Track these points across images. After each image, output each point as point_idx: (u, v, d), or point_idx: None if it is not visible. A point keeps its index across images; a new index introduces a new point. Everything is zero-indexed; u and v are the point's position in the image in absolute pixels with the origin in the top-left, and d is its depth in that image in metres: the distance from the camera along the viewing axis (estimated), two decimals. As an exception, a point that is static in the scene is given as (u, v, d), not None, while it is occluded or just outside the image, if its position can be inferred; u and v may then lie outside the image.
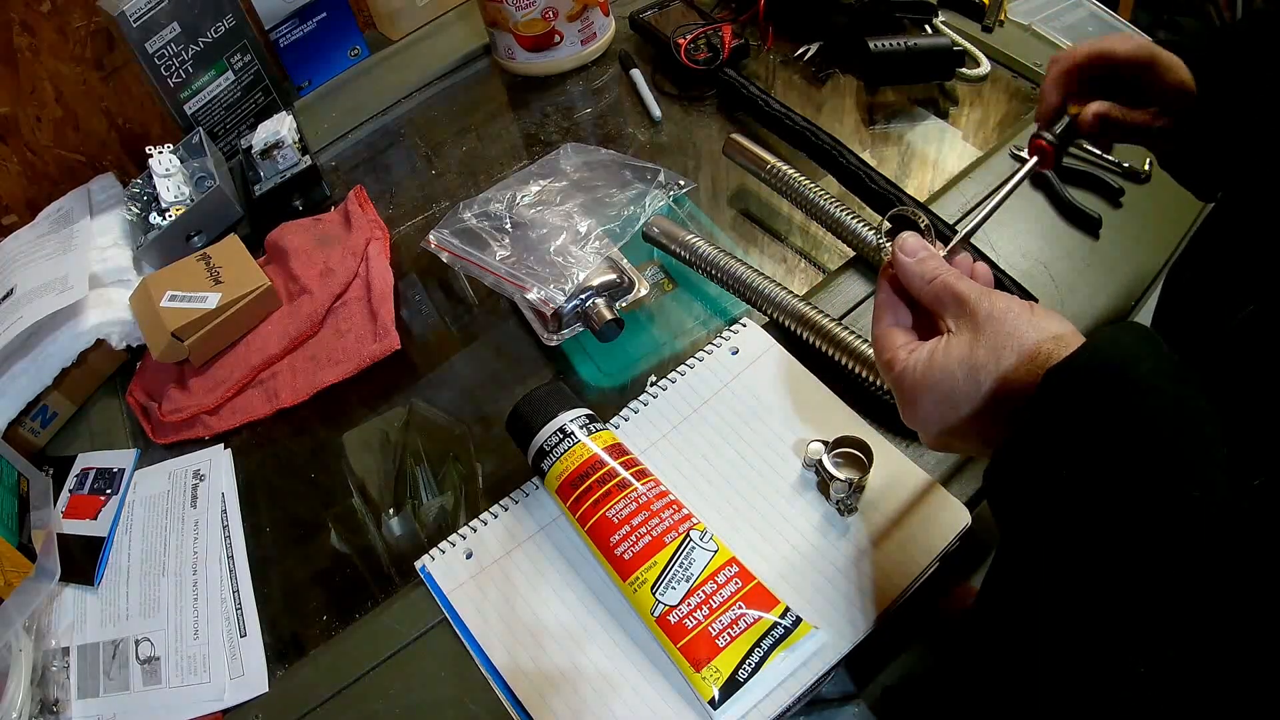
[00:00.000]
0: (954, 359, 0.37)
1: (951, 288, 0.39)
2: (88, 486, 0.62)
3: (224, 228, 0.74)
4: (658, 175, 0.66)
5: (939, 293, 0.39)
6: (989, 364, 0.36)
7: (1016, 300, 0.37)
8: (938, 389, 0.37)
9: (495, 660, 0.47)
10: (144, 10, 0.70)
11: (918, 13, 0.76)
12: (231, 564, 0.56)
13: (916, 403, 0.39)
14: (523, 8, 0.76)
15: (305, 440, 0.62)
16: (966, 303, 0.38)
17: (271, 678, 0.50)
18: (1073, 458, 0.32)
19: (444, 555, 0.51)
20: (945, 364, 0.37)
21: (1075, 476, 0.31)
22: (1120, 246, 0.60)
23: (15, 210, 0.81)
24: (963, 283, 0.39)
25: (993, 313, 0.37)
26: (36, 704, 0.51)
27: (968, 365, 0.36)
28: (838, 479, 0.48)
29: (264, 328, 0.66)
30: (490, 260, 0.62)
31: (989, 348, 0.36)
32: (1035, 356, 0.35)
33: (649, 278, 0.63)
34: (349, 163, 0.82)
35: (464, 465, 0.58)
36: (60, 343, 0.64)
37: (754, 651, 0.42)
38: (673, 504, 0.48)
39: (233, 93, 0.81)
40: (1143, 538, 0.29)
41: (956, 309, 0.38)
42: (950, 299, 0.39)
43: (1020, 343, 0.35)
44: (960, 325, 0.38)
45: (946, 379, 0.37)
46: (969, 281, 0.39)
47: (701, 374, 0.56)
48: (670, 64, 0.80)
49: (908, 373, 0.39)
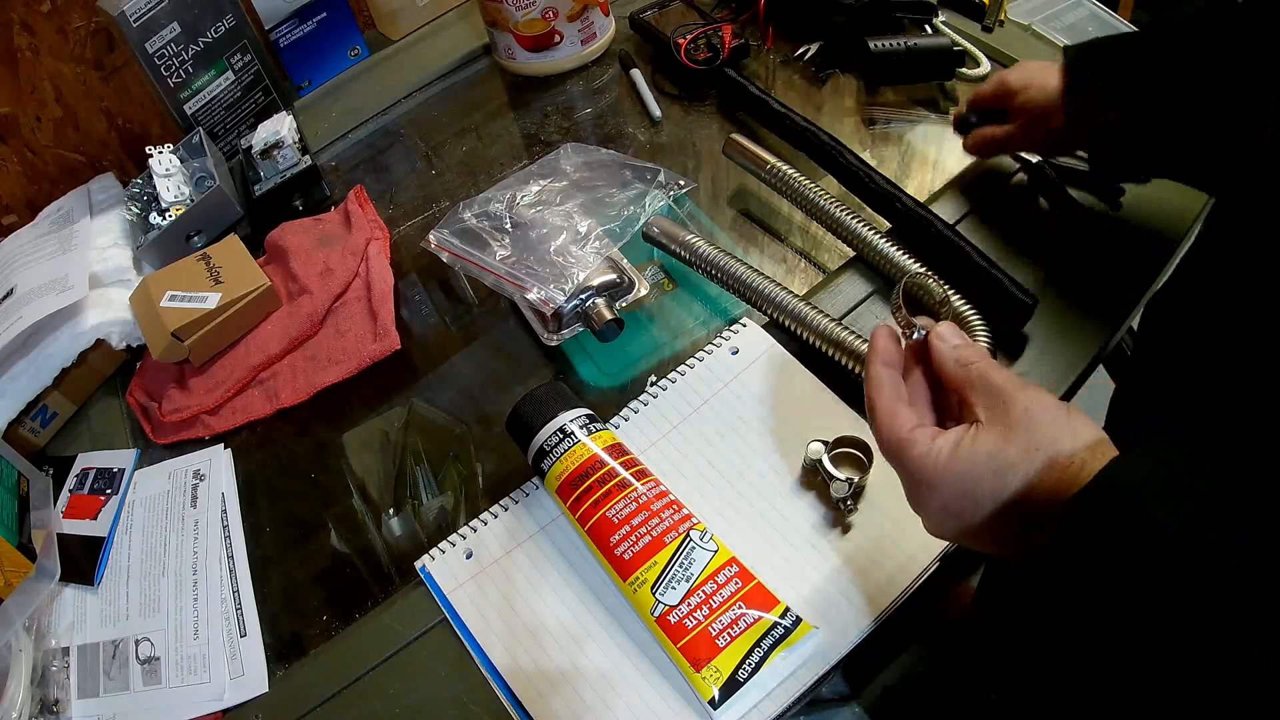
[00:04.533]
0: (982, 453, 0.35)
1: (988, 377, 0.37)
2: (88, 486, 0.62)
3: (224, 228, 0.74)
4: (658, 175, 0.66)
5: (974, 380, 0.38)
6: (1019, 465, 0.34)
7: (1052, 400, 0.36)
8: (961, 483, 0.36)
9: (495, 660, 0.47)
10: (144, 10, 0.70)
11: (918, 13, 0.76)
12: (231, 564, 0.56)
13: (933, 493, 0.37)
14: (523, 8, 0.76)
15: (305, 440, 0.62)
16: (1002, 395, 0.36)
17: (271, 678, 0.50)
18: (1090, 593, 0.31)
19: (444, 555, 0.51)
20: (972, 458, 0.35)
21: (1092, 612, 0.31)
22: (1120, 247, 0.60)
23: (15, 210, 0.81)
24: (1000, 374, 0.37)
25: (1029, 410, 0.35)
26: (36, 704, 0.51)
27: (996, 462, 0.35)
28: (838, 479, 0.48)
29: (264, 328, 0.66)
30: (490, 260, 0.62)
31: (1021, 447, 0.35)
32: (1067, 467, 0.34)
33: (649, 278, 0.63)
34: (349, 163, 0.82)
35: (464, 465, 0.58)
36: (60, 343, 0.64)
37: (754, 651, 0.42)
38: (673, 504, 0.48)
39: (233, 93, 0.81)
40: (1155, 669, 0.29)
41: (989, 400, 0.37)
42: (985, 388, 0.37)
43: (1054, 450, 0.34)
44: (992, 417, 0.36)
45: (972, 473, 0.35)
46: (1006, 373, 0.38)
47: (701, 374, 0.56)
48: (670, 64, 0.80)
49: (929, 461, 0.37)
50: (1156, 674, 0.29)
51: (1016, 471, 0.34)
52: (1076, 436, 0.34)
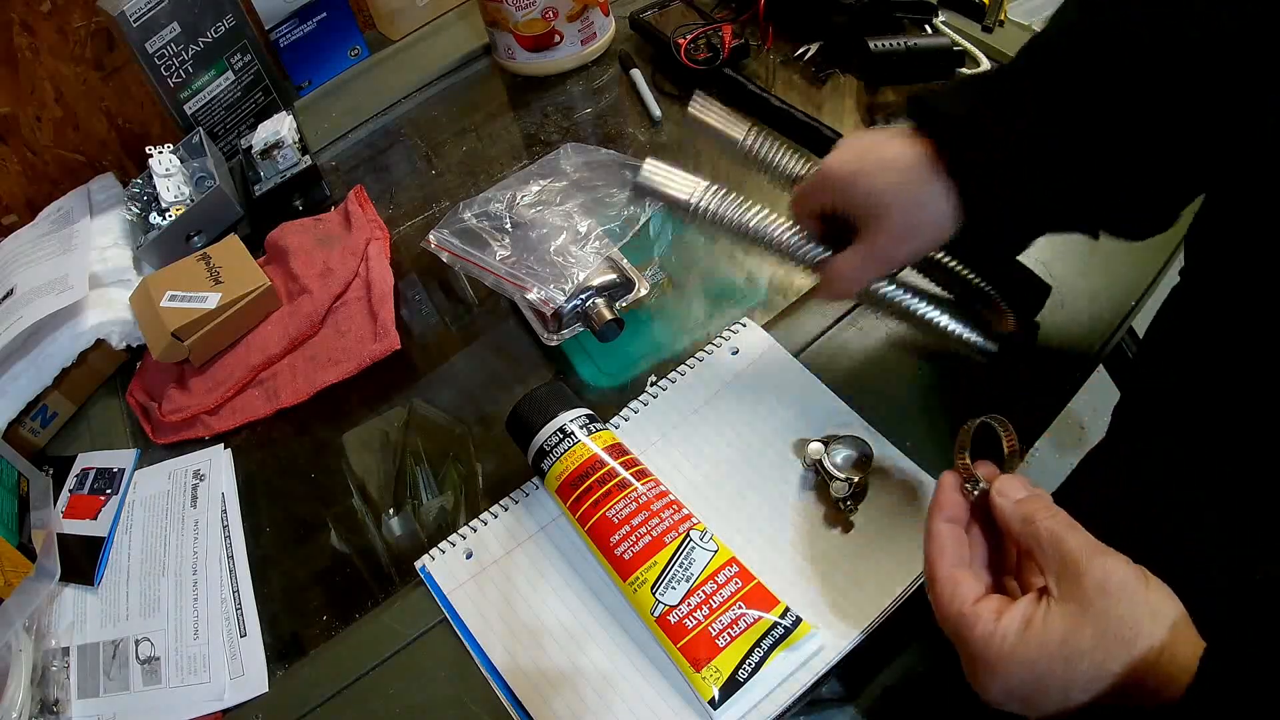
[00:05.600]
0: (1054, 640, 0.33)
1: (1060, 542, 0.34)
2: (88, 486, 0.62)
3: (224, 228, 0.74)
4: (658, 175, 0.66)
5: (1043, 542, 0.35)
6: (1094, 655, 0.32)
7: (1128, 569, 0.33)
8: (1028, 671, 0.33)
9: (495, 660, 0.47)
10: (144, 10, 0.70)
11: (918, 13, 0.76)
12: (231, 564, 0.56)
13: (995, 678, 0.34)
14: (523, 8, 0.76)
15: (305, 440, 0.62)
16: (1074, 564, 0.34)
17: (271, 678, 0.50)
18: None
19: (444, 555, 0.51)
20: (1043, 645, 0.33)
21: None
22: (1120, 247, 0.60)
23: (15, 210, 0.81)
24: (1074, 537, 0.34)
25: (1105, 586, 0.32)
26: (36, 704, 0.51)
27: (1068, 649, 0.32)
28: (838, 479, 0.48)
29: (264, 328, 0.66)
30: (490, 260, 0.62)
31: (1097, 633, 0.32)
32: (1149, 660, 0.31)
33: (649, 278, 0.63)
34: (349, 163, 0.82)
35: (464, 465, 0.58)
36: (60, 343, 0.64)
37: (754, 651, 0.42)
38: (673, 504, 0.48)
39: (233, 93, 0.81)
40: None
41: (1061, 569, 0.34)
42: (1055, 553, 0.34)
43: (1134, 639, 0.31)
44: (1064, 591, 0.33)
45: (1042, 661, 0.33)
46: (1078, 534, 0.35)
47: (701, 374, 0.56)
48: (670, 64, 0.80)
49: (994, 643, 0.34)
50: None
51: (1091, 660, 0.32)
52: (1156, 618, 0.32)
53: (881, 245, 0.44)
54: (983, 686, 0.35)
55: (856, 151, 0.44)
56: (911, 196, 0.42)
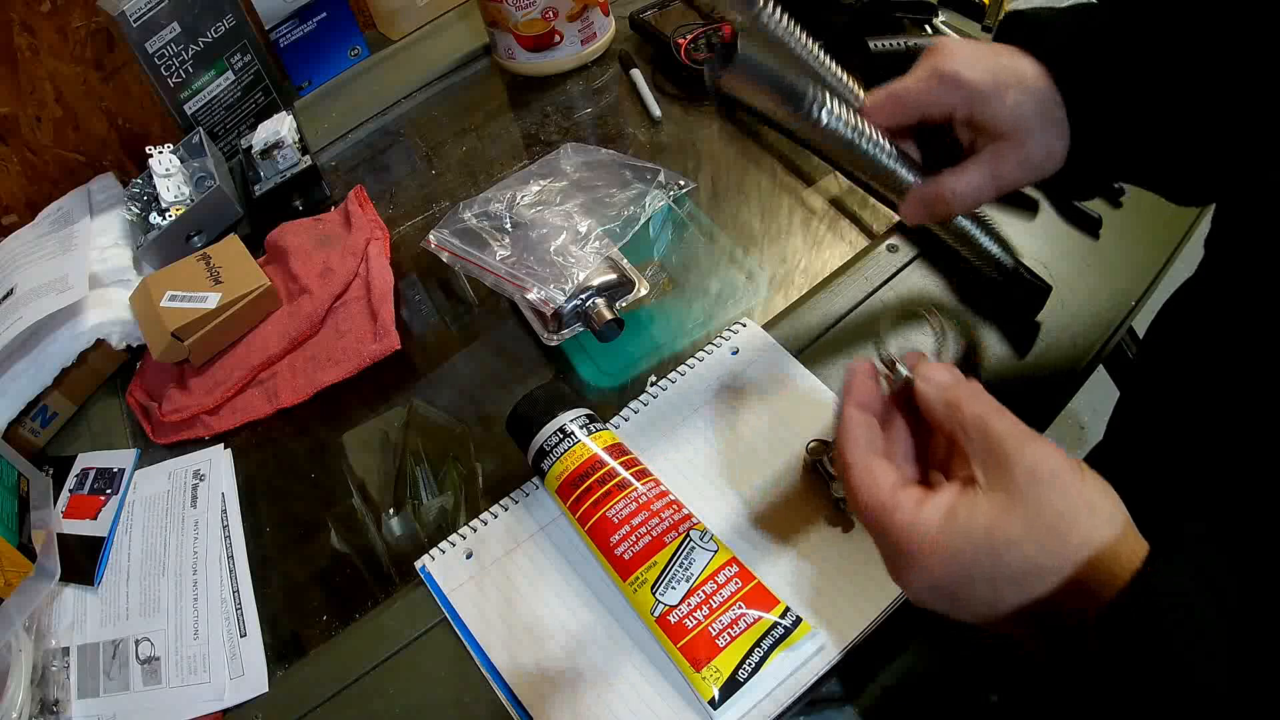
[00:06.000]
0: (979, 529, 0.30)
1: (985, 425, 0.32)
2: (88, 486, 0.62)
3: (224, 228, 0.74)
4: (658, 175, 0.66)
5: (968, 427, 0.32)
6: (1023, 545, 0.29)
7: (1064, 459, 0.31)
8: (953, 563, 0.30)
9: (495, 660, 0.47)
10: (144, 10, 0.70)
11: (918, 13, 0.76)
12: (231, 564, 0.56)
13: (918, 572, 0.32)
14: (523, 8, 0.76)
15: (305, 440, 0.62)
16: (1002, 451, 0.31)
17: (271, 678, 0.50)
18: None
19: (444, 555, 0.51)
20: (968, 534, 0.30)
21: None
22: (1120, 246, 0.60)
23: (15, 210, 0.81)
24: (1000, 421, 0.31)
25: (1036, 473, 0.30)
26: (36, 704, 0.51)
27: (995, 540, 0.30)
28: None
29: (264, 328, 0.66)
30: (490, 260, 0.62)
31: (1026, 522, 0.29)
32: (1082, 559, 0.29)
33: (649, 278, 0.63)
34: (349, 163, 0.82)
35: (464, 465, 0.58)
36: (60, 343, 0.64)
37: (754, 651, 0.42)
38: (673, 504, 0.48)
39: (233, 93, 0.81)
40: None
41: (987, 455, 0.31)
42: (981, 439, 0.31)
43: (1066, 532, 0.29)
44: (991, 479, 0.31)
45: (967, 552, 0.30)
46: (1007, 420, 0.32)
47: (701, 374, 0.56)
48: (670, 64, 0.80)
49: (915, 534, 0.31)
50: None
51: (1022, 556, 0.29)
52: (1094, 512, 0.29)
53: (1011, 168, 0.40)
54: (905, 582, 0.33)
55: (987, 63, 0.40)
56: (1051, 120, 0.39)
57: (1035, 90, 0.39)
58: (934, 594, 0.32)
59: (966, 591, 0.31)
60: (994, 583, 0.30)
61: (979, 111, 0.40)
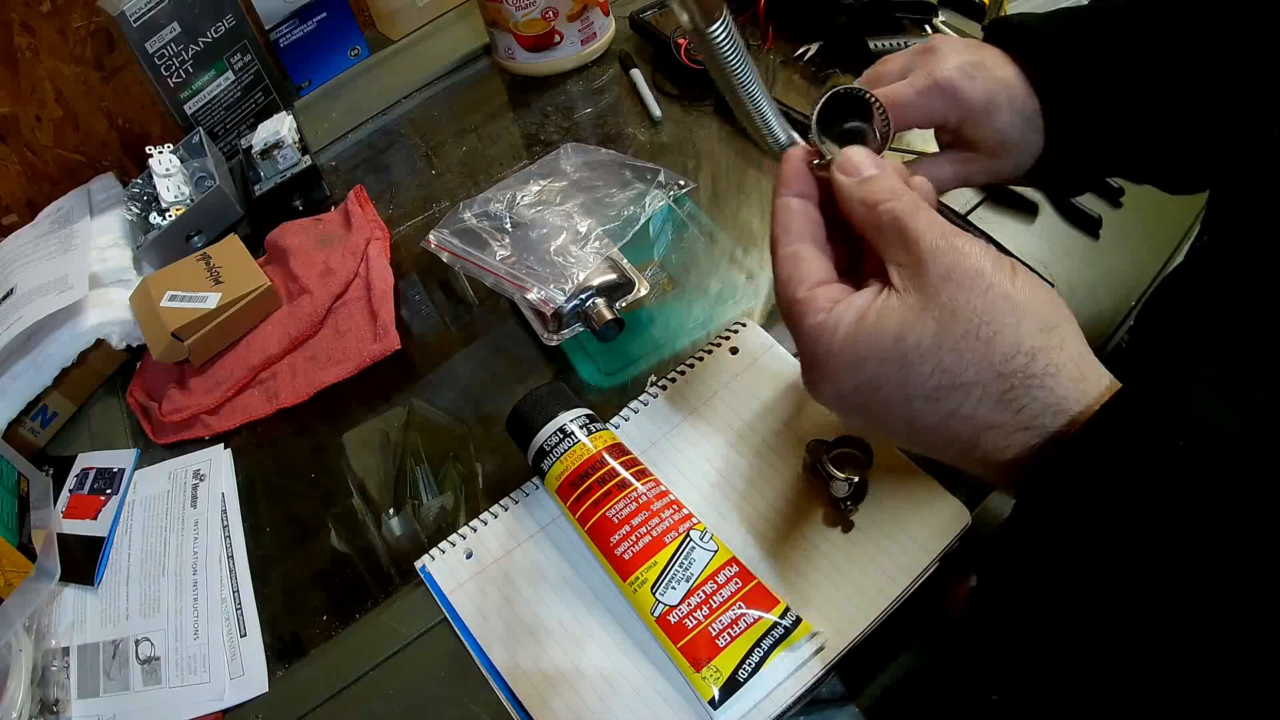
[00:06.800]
0: (888, 331, 0.27)
1: (900, 222, 0.28)
2: (88, 486, 0.62)
3: (224, 228, 0.74)
4: (658, 175, 0.66)
5: (883, 226, 0.29)
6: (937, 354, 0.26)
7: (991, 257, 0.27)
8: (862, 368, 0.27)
9: (495, 660, 0.47)
10: (144, 10, 0.70)
11: (918, 13, 0.76)
12: (231, 564, 0.56)
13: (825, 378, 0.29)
14: (523, 8, 0.76)
15: (305, 440, 0.62)
16: (918, 251, 0.27)
17: (271, 678, 0.50)
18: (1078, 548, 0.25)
19: (444, 555, 0.51)
20: (877, 335, 0.27)
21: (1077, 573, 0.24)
22: (1120, 246, 0.60)
23: (15, 210, 0.81)
24: (919, 218, 0.28)
25: (953, 274, 0.26)
26: (36, 704, 0.51)
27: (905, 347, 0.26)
28: (838, 479, 0.48)
29: (264, 328, 0.66)
30: (490, 260, 0.62)
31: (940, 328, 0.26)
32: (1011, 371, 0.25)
33: (649, 278, 0.63)
34: (349, 163, 0.82)
35: (464, 465, 0.58)
36: (60, 343, 0.64)
37: (754, 651, 0.42)
38: (673, 504, 0.48)
39: (233, 93, 0.81)
40: None
41: (903, 256, 0.28)
42: (897, 237, 0.28)
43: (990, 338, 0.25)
44: (906, 281, 0.27)
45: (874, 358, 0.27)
46: (928, 217, 0.28)
47: (701, 374, 0.56)
48: (670, 64, 0.80)
49: (823, 336, 0.28)
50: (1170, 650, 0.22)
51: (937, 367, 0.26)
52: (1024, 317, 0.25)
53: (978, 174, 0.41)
54: (814, 390, 0.30)
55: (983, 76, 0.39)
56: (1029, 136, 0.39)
57: (1022, 110, 0.39)
58: (841, 405, 0.29)
59: (876, 405, 0.28)
60: (906, 397, 0.27)
61: (969, 128, 0.40)
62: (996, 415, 0.26)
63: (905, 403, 0.27)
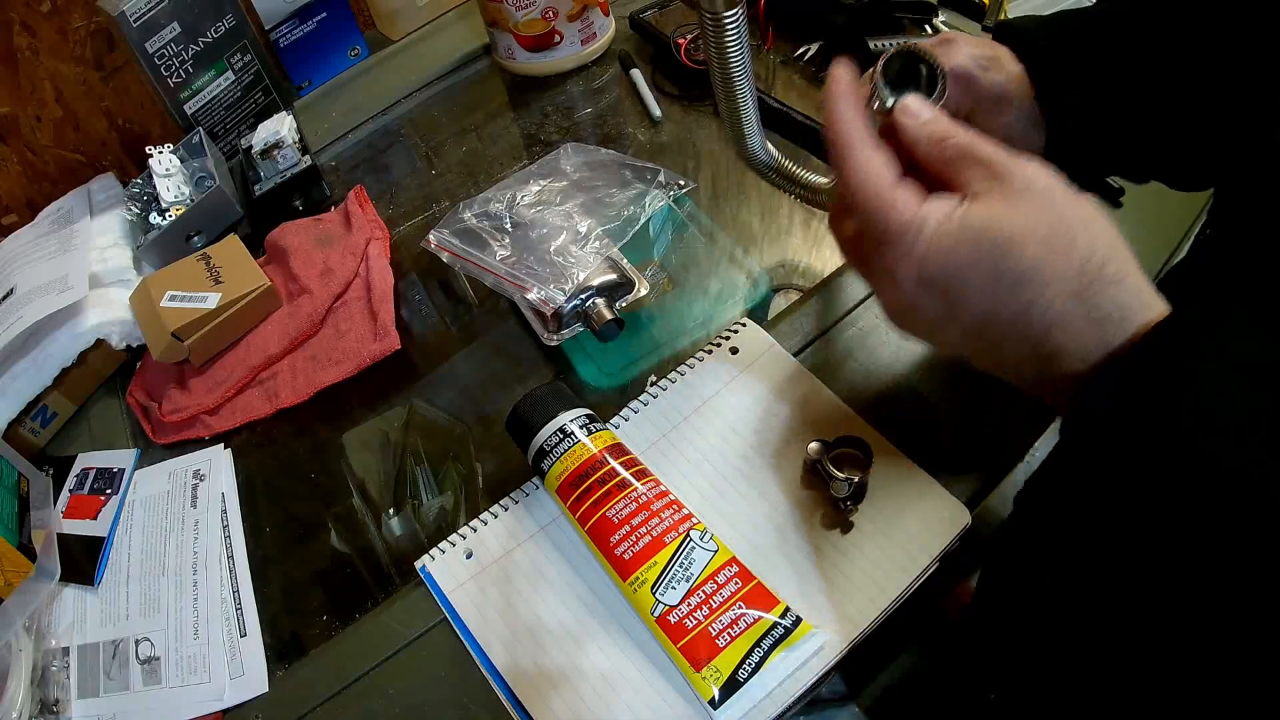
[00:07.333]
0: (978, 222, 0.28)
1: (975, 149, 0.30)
2: (88, 486, 0.62)
3: (224, 228, 0.74)
4: (658, 175, 0.66)
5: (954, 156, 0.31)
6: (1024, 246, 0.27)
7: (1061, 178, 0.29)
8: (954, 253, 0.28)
9: (495, 660, 0.47)
10: (144, 10, 0.70)
11: (918, 13, 0.76)
12: (231, 564, 0.56)
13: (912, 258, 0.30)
14: (523, 8, 0.76)
15: (305, 440, 0.62)
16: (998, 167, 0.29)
17: (271, 678, 0.50)
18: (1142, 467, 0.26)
19: (444, 555, 0.51)
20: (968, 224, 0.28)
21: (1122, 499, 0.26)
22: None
23: (15, 210, 0.81)
24: (986, 146, 0.30)
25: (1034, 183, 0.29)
26: (36, 704, 0.51)
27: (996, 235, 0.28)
28: (838, 479, 0.48)
29: (264, 328, 0.66)
30: (490, 260, 0.62)
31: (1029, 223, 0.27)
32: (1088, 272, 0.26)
33: (649, 278, 0.63)
34: (349, 163, 0.82)
35: (464, 465, 0.58)
36: (60, 343, 0.64)
37: (754, 651, 0.42)
38: (673, 504, 0.48)
39: (233, 93, 0.81)
40: None
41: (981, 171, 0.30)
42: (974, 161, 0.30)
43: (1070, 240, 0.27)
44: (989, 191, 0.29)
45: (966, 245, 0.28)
46: (994, 144, 0.31)
47: (701, 374, 0.56)
48: (670, 64, 0.80)
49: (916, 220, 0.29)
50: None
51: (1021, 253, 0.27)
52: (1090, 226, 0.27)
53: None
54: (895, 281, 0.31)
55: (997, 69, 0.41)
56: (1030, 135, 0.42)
57: (1026, 109, 0.41)
58: (922, 291, 0.30)
59: (959, 290, 0.29)
60: (995, 285, 0.28)
61: (977, 120, 0.42)
62: (1072, 308, 0.27)
63: (991, 290, 0.28)
